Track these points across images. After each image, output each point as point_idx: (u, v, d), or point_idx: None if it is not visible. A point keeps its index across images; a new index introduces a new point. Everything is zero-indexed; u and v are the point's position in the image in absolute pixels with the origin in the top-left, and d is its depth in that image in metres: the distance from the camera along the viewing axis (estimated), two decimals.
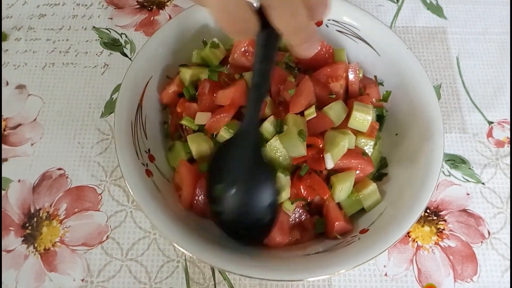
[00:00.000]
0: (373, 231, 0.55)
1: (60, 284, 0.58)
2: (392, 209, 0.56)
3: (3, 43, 0.75)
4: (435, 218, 0.64)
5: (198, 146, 0.58)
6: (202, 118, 0.58)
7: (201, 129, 0.59)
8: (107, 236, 0.61)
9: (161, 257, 0.60)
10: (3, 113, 0.69)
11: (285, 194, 0.54)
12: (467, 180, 0.66)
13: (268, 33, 0.42)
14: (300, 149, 0.54)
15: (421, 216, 0.63)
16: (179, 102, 0.62)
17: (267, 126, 0.56)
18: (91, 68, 0.73)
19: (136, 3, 0.80)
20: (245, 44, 0.61)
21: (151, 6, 0.79)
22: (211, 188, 0.54)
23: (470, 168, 0.67)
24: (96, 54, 0.74)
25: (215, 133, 0.57)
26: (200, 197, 0.57)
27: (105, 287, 0.58)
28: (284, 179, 0.54)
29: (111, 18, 0.78)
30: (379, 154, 0.62)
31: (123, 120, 0.58)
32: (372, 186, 0.58)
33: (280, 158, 0.55)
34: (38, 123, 0.68)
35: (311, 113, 0.56)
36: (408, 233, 0.63)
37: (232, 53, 0.62)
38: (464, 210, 0.64)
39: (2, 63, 0.73)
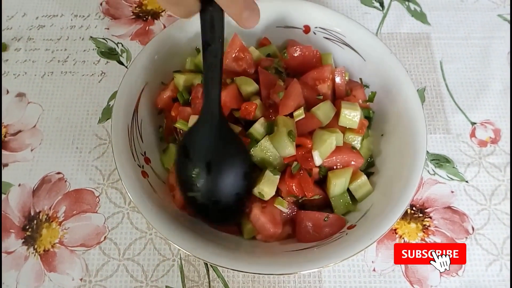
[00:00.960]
0: (360, 226, 0.57)
1: (60, 284, 0.60)
2: (378, 206, 0.59)
3: (3, 54, 0.77)
4: (420, 215, 0.66)
5: None
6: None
7: None
8: (105, 237, 0.63)
9: (157, 256, 0.62)
10: (3, 120, 0.71)
11: (271, 191, 0.56)
12: (451, 178, 0.69)
13: (211, 11, 0.44)
14: (289, 149, 0.57)
15: (407, 213, 0.66)
16: (174, 106, 0.65)
17: (258, 128, 0.58)
18: (89, 76, 0.76)
19: (131, 13, 0.83)
20: (236, 51, 0.64)
21: (146, 17, 0.82)
22: (182, 171, 0.57)
23: (454, 167, 0.70)
24: (93, 63, 0.77)
25: None
26: None
27: (103, 286, 0.60)
28: (272, 177, 0.56)
29: (108, 28, 0.81)
30: (369, 152, 0.65)
31: (120, 124, 0.60)
32: (363, 178, 0.61)
33: (271, 157, 0.58)
34: (38, 130, 0.71)
35: (300, 114, 0.59)
36: (395, 230, 0.65)
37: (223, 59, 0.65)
38: (449, 207, 0.67)
39: (3, 72, 0.76)
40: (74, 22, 0.81)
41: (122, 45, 0.79)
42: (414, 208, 0.66)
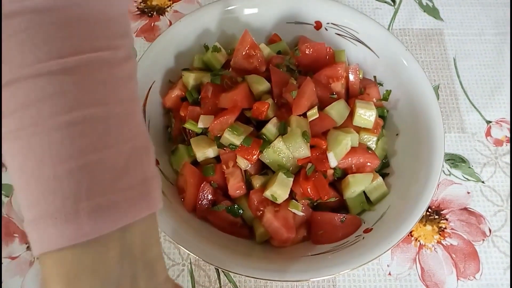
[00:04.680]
0: (377, 230, 0.55)
1: None
2: (395, 209, 0.57)
3: None
4: (436, 217, 0.64)
5: (201, 149, 0.58)
6: (206, 121, 0.58)
7: (204, 132, 0.60)
8: None
9: (166, 261, 0.60)
10: None
11: (284, 194, 0.54)
12: (467, 179, 0.67)
13: None
14: (304, 150, 0.54)
15: (423, 215, 0.64)
16: (182, 105, 0.62)
17: (270, 128, 0.56)
18: None
19: (136, 9, 0.80)
20: (247, 48, 0.62)
21: (152, 12, 0.80)
22: None
23: (470, 167, 0.68)
24: None
25: (218, 135, 0.57)
26: (204, 201, 0.57)
27: None
28: (286, 179, 0.55)
29: None
30: (384, 152, 0.63)
31: None
32: (379, 179, 0.59)
33: (284, 159, 0.56)
34: None
35: (314, 114, 0.57)
36: (411, 232, 0.63)
37: (233, 56, 0.63)
38: (465, 209, 0.65)
39: None
40: None
41: None
42: (429, 210, 0.65)
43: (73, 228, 0.30)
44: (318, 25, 0.70)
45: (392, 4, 0.82)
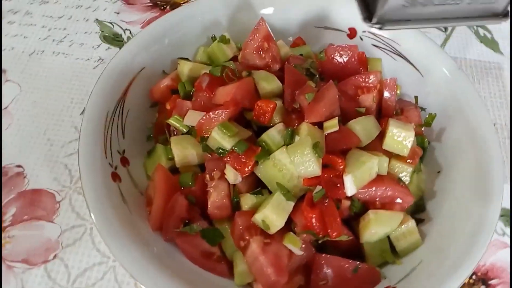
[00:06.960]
0: None
1: None
2: (428, 266, 0.42)
3: None
4: (482, 287, 0.48)
5: (182, 150, 0.45)
6: (194, 117, 0.46)
7: (191, 132, 0.47)
8: (55, 255, 0.48)
9: None
10: None
11: (279, 221, 0.40)
12: None
13: None
14: (313, 167, 0.41)
15: (464, 283, 0.48)
16: (171, 99, 0.51)
17: (273, 135, 0.43)
18: (84, 60, 0.64)
19: (148, 0, 0.71)
20: (260, 40, 0.50)
21: (165, 5, 0.71)
22: None
23: None
24: (93, 47, 0.65)
25: (206, 135, 0.44)
26: (173, 217, 0.43)
27: None
28: (284, 203, 0.41)
29: (118, 13, 0.70)
30: (419, 192, 0.49)
31: (97, 108, 0.47)
32: (410, 223, 0.44)
33: (285, 176, 0.42)
34: (9, 112, 0.58)
35: (332, 125, 0.43)
36: None
37: (243, 48, 0.51)
38: None
39: None
40: (82, 1, 0.71)
41: (130, 32, 0.67)
42: (474, 277, 0.49)
43: None
44: (352, 33, 0.58)
45: (443, 30, 0.70)
